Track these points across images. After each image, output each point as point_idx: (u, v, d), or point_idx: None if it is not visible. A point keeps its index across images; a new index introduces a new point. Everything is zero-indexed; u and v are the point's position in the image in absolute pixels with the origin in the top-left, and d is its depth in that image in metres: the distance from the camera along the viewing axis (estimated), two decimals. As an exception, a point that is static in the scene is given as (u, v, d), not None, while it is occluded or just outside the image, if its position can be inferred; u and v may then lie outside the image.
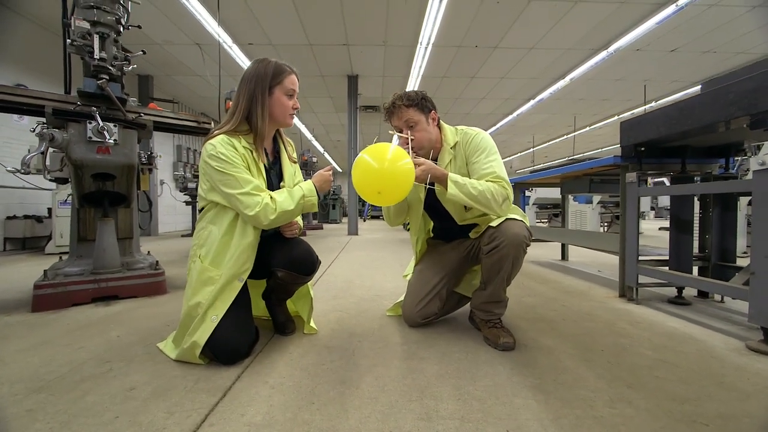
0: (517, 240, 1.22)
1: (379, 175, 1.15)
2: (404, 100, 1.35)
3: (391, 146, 1.18)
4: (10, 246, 4.45)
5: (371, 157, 1.16)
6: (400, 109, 1.35)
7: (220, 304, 1.13)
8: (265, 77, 1.19)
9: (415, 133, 1.35)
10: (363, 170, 1.17)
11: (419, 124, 1.36)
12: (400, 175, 1.15)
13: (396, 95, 1.37)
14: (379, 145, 1.21)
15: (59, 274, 1.86)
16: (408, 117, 1.35)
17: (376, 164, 1.15)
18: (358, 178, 1.19)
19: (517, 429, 0.80)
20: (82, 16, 1.79)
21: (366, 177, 1.18)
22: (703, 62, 6.08)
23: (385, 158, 1.15)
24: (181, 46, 5.50)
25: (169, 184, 7.81)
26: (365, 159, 1.16)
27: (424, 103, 1.37)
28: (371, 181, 1.17)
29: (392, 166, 1.14)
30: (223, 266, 1.16)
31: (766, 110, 1.18)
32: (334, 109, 8.95)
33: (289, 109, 1.25)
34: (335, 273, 2.81)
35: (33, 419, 0.83)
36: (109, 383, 1.01)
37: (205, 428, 0.80)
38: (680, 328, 1.50)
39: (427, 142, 1.38)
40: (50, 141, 1.67)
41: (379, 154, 1.16)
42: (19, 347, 1.29)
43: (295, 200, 1.19)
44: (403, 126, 1.36)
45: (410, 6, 4.57)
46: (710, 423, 0.82)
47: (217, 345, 1.10)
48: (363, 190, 1.19)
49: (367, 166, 1.16)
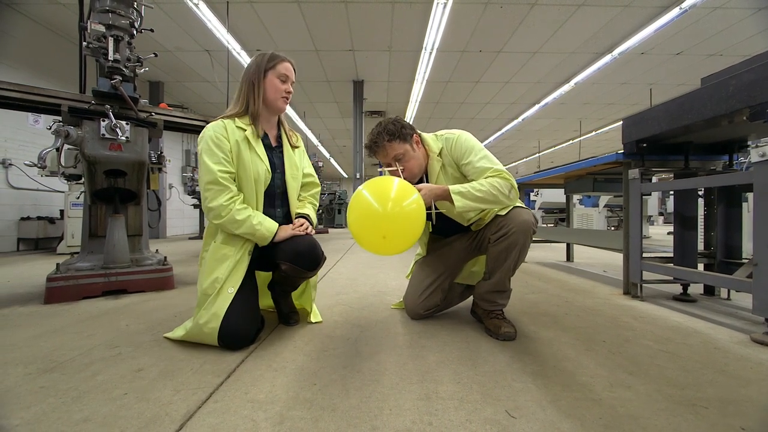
0: (525, 226, 1.24)
1: (385, 217, 0.95)
2: (385, 136, 1.30)
3: (395, 181, 1.03)
4: (24, 246, 4.56)
5: (373, 195, 0.97)
6: (384, 146, 1.31)
7: (235, 276, 1.21)
8: (261, 64, 1.30)
9: (405, 163, 1.33)
10: (363, 212, 0.96)
11: (406, 154, 1.32)
12: (412, 216, 0.96)
13: (374, 132, 1.33)
14: (379, 179, 1.06)
15: (71, 268, 1.91)
16: (394, 152, 1.31)
17: (379, 205, 0.96)
18: (357, 221, 0.99)
19: (515, 409, 0.81)
20: (97, 20, 1.87)
21: (367, 220, 0.97)
22: (708, 65, 6.05)
23: (389, 197, 0.95)
24: (191, 53, 5.65)
25: (177, 188, 7.95)
26: (365, 198, 0.97)
27: (404, 132, 1.32)
28: (374, 225, 0.98)
29: (399, 208, 0.95)
30: (235, 243, 1.24)
31: (765, 102, 1.19)
32: (339, 115, 9.06)
33: (281, 92, 1.31)
34: (340, 272, 2.83)
35: (46, 395, 0.86)
36: (118, 365, 1.04)
37: (210, 404, 0.83)
38: (684, 322, 1.49)
39: (418, 169, 1.36)
40: (65, 137, 1.74)
41: (382, 191, 0.98)
42: (32, 334, 1.33)
43: (249, 222, 1.21)
44: (391, 161, 1.33)
45: (414, 12, 4.65)
46: (710, 406, 0.82)
47: (223, 330, 1.13)
48: (363, 235, 0.99)
49: (368, 208, 0.95)
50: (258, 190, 1.28)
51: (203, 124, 2.36)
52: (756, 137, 1.78)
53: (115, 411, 0.79)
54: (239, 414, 0.79)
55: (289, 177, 1.37)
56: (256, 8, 4.55)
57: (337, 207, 12.07)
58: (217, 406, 0.82)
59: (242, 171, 1.25)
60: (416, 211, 0.99)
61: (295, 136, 1.47)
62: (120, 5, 1.91)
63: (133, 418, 0.77)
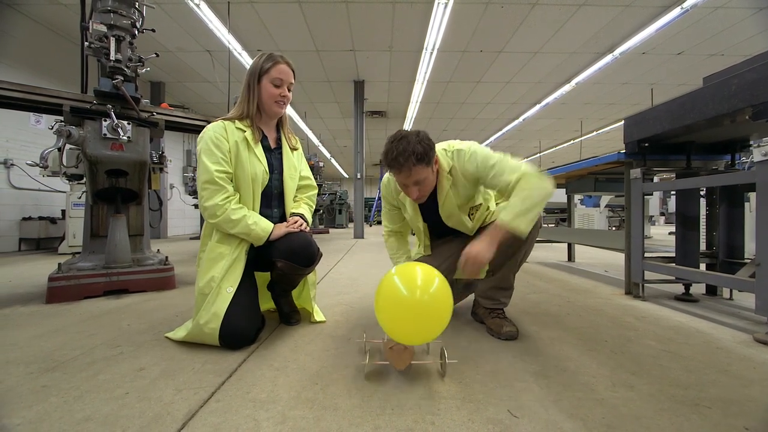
0: None
1: (419, 312, 0.93)
2: (413, 159, 1.15)
3: (435, 280, 0.98)
4: (25, 246, 4.57)
5: (407, 287, 0.95)
6: (409, 168, 1.18)
7: (233, 276, 1.21)
8: (256, 67, 1.30)
9: (422, 187, 1.23)
10: (398, 308, 0.95)
11: (427, 178, 1.22)
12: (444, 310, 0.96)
13: (399, 149, 1.16)
14: (412, 271, 1.01)
15: (72, 268, 1.91)
16: (417, 177, 1.19)
17: (412, 298, 0.93)
18: (391, 315, 0.97)
19: (517, 409, 0.81)
20: (99, 20, 1.88)
21: (402, 314, 0.95)
22: (709, 65, 6.04)
23: (428, 291, 0.94)
24: (192, 53, 5.65)
25: (178, 188, 7.96)
26: (399, 291, 0.95)
27: (430, 155, 1.19)
28: (408, 317, 0.95)
29: (436, 303, 0.94)
30: (231, 242, 1.24)
31: (767, 101, 1.19)
32: (340, 115, 9.06)
33: (275, 97, 1.31)
34: (341, 272, 2.83)
35: (48, 394, 0.86)
36: (120, 364, 1.04)
37: (212, 404, 0.83)
38: (687, 322, 1.49)
39: (429, 190, 1.28)
40: (67, 137, 1.74)
41: (422, 284, 0.96)
42: (33, 333, 1.33)
43: (244, 222, 1.22)
44: (410, 184, 1.22)
45: (415, 12, 4.65)
46: (713, 406, 0.82)
47: (224, 330, 1.13)
48: (397, 326, 0.97)
49: (402, 301, 0.94)
50: (255, 191, 1.29)
51: (204, 124, 2.36)
52: (758, 136, 1.78)
53: (117, 410, 0.79)
54: (241, 413, 0.79)
55: (287, 177, 1.38)
56: (257, 8, 4.56)
57: (337, 207, 12.07)
58: (218, 405, 0.82)
59: (240, 171, 1.26)
60: (447, 301, 0.98)
61: (294, 138, 1.48)
62: (122, 5, 1.92)
63: (134, 418, 0.76)
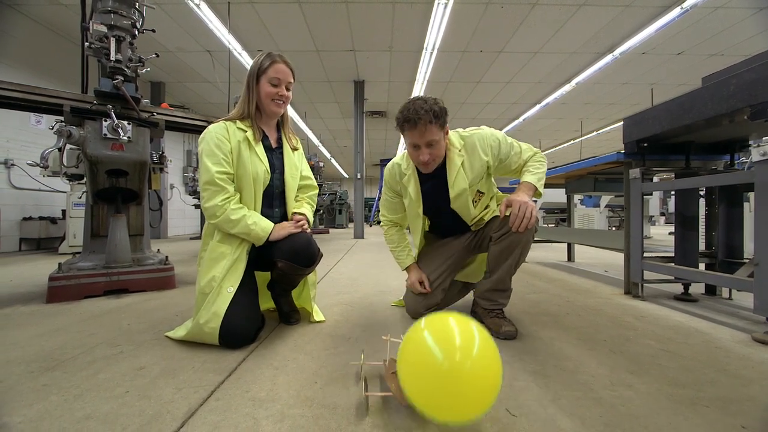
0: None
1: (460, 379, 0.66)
2: (431, 116, 1.15)
3: (476, 338, 0.73)
4: (26, 246, 4.57)
5: (444, 350, 0.68)
6: (425, 125, 1.16)
7: (234, 275, 1.21)
8: (255, 67, 1.31)
9: (434, 151, 1.24)
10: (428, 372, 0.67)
11: (439, 142, 1.22)
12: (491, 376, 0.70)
13: (417, 106, 1.17)
14: (448, 327, 0.75)
15: (73, 267, 1.91)
16: (431, 137, 1.19)
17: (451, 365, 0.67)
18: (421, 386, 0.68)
19: (516, 408, 0.81)
20: (99, 20, 1.88)
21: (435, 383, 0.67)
22: (709, 65, 6.04)
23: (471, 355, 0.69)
24: (192, 53, 5.66)
25: (178, 188, 7.96)
26: (433, 354, 0.68)
27: (445, 119, 1.21)
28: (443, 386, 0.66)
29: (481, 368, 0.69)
30: (232, 242, 1.25)
31: (766, 101, 1.19)
32: (340, 115, 9.06)
33: (272, 96, 1.31)
34: (341, 271, 2.84)
35: (48, 392, 0.87)
36: (120, 363, 1.04)
37: (211, 402, 0.83)
38: (686, 321, 1.49)
39: (439, 159, 1.29)
40: (68, 137, 1.74)
41: (459, 346, 0.70)
42: (34, 333, 1.33)
43: (243, 222, 1.22)
44: (423, 144, 1.21)
45: (415, 12, 4.66)
46: (711, 405, 0.82)
47: (224, 329, 1.13)
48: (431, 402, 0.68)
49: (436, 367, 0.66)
50: (257, 190, 1.29)
51: (205, 124, 2.37)
52: (757, 136, 1.78)
53: (117, 409, 0.80)
54: (240, 412, 0.79)
55: (288, 177, 1.38)
56: (257, 9, 4.56)
57: (337, 207, 12.07)
58: (218, 404, 0.82)
59: (242, 171, 1.26)
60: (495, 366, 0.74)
61: (295, 138, 1.49)
62: (122, 6, 1.92)
63: (134, 416, 0.77)
